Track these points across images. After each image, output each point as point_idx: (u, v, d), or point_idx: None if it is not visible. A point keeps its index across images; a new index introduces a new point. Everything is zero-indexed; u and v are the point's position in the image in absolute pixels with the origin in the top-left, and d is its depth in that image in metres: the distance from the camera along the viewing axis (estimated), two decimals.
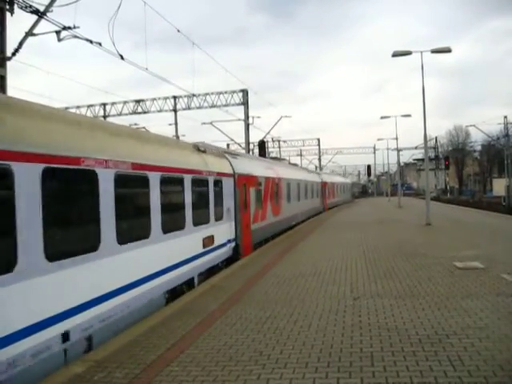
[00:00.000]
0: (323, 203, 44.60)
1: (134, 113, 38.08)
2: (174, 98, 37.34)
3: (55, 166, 6.97)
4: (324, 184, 45.73)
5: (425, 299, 9.33)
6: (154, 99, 37.98)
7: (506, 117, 58.72)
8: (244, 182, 18.00)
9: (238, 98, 35.53)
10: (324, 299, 9.79)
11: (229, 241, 15.79)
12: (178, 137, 34.15)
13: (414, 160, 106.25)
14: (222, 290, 11.31)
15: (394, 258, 14.57)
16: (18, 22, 14.69)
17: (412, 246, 17.10)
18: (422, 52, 24.91)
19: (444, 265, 12.91)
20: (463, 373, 5.67)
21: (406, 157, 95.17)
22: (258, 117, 65.16)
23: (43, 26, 15.07)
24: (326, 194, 46.11)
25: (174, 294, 10.94)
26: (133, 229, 9.33)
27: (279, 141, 62.34)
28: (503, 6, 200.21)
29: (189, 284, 12.02)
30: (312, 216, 36.18)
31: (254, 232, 18.87)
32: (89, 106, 38.13)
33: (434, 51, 24.53)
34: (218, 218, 14.68)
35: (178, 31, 21.05)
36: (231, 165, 16.89)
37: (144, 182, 9.85)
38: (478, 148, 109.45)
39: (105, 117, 37.14)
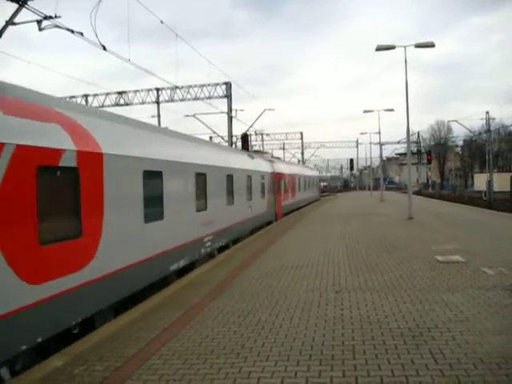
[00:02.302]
0: (276, 206, 30.02)
1: (117, 104, 37.64)
2: (157, 90, 37.02)
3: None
4: (278, 176, 31.08)
5: (406, 292, 9.36)
6: (136, 91, 37.59)
7: (487, 112, 59.18)
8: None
9: (221, 90, 35.31)
10: (306, 292, 9.79)
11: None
12: None
13: (397, 154, 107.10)
14: (204, 283, 11.26)
15: (376, 251, 14.62)
16: None
17: (394, 239, 17.18)
18: (405, 46, 25.00)
19: (425, 258, 12.97)
20: (444, 366, 5.69)
21: (389, 151, 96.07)
22: (242, 110, 64.75)
23: (24, 15, 14.81)
24: (280, 191, 31.52)
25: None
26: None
27: (262, 134, 62.19)
28: (485, 4, 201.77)
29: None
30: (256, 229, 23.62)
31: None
32: (71, 97, 37.69)
33: (418, 46, 24.60)
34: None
35: (162, 22, 20.84)
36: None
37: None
38: (460, 143, 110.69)
39: None
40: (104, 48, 15.74)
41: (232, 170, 18.88)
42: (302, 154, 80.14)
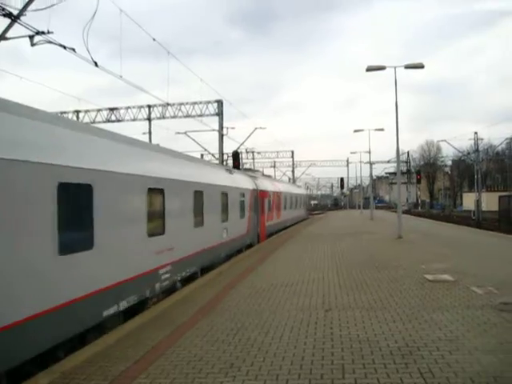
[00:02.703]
0: (259, 226, 27.21)
1: (108, 121, 37.61)
2: (149, 106, 37.07)
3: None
4: (261, 194, 28.27)
5: (396, 311, 9.35)
6: (128, 107, 37.59)
7: (476, 133, 59.78)
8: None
9: (212, 108, 35.41)
10: (296, 311, 9.75)
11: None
12: None
13: (387, 173, 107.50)
14: (193, 300, 11.19)
15: (366, 270, 14.61)
16: None
17: (383, 258, 17.19)
18: (395, 67, 25.24)
19: (415, 277, 12.99)
20: None
21: (379, 170, 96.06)
22: (233, 128, 64.74)
23: (16, 30, 14.82)
24: (264, 210, 28.79)
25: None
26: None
27: (253, 152, 62.30)
28: (472, 27, 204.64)
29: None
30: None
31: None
32: (62, 113, 37.63)
33: (408, 67, 24.83)
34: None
35: (154, 40, 20.93)
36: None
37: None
38: (449, 163, 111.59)
39: None
40: (96, 64, 15.76)
41: (202, 185, 15.69)
42: (293, 172, 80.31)
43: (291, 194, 44.31)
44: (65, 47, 14.71)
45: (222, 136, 35.17)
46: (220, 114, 35.19)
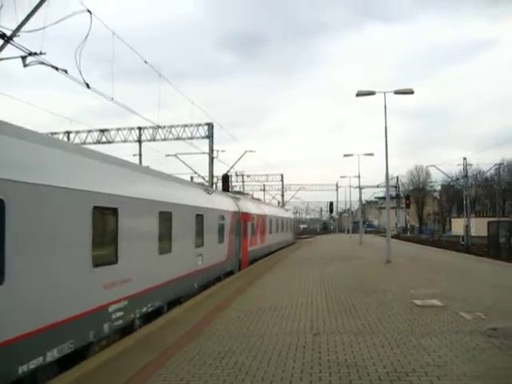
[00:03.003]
0: (241, 252, 25.17)
1: (98, 142, 37.59)
2: (139, 128, 37.13)
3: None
4: (244, 216, 26.16)
5: (384, 336, 9.31)
6: (118, 129, 37.62)
7: (465, 158, 60.30)
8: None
9: (203, 131, 35.50)
10: (284, 335, 9.68)
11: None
12: None
13: (376, 198, 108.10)
14: (181, 323, 11.09)
15: (355, 294, 14.57)
16: None
17: (372, 282, 17.17)
18: (385, 93, 25.53)
19: (403, 302, 12.97)
20: None
21: (368, 195, 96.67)
22: (223, 151, 64.76)
23: (9, 50, 14.87)
24: (246, 234, 26.70)
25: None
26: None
27: (243, 175, 62.44)
28: (458, 55, 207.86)
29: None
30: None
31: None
32: (52, 134, 37.58)
33: (397, 92, 25.15)
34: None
35: (146, 62, 21.04)
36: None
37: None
38: (438, 188, 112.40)
39: None
40: (87, 86, 15.81)
41: (170, 205, 13.65)
42: (282, 195, 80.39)
43: (277, 217, 42.37)
44: (57, 68, 14.75)
45: (212, 159, 35.24)
46: (210, 136, 35.29)
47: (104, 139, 37.78)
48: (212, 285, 17.91)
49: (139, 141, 37.49)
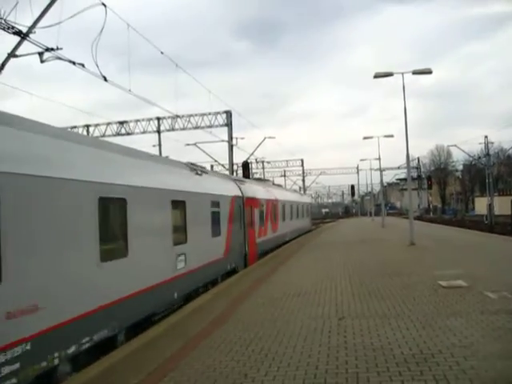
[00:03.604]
0: (247, 244, 21.28)
1: (118, 134, 37.90)
2: (158, 119, 37.34)
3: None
4: (250, 202, 22.39)
5: (410, 318, 9.29)
6: (137, 121, 37.90)
7: (486, 136, 59.65)
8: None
9: (221, 119, 35.59)
10: (309, 320, 9.72)
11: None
12: None
13: (397, 180, 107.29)
14: (206, 311, 11.20)
15: (379, 277, 14.54)
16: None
17: (396, 265, 17.11)
18: (403, 73, 25.20)
19: (428, 284, 12.91)
20: None
21: (389, 177, 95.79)
22: (242, 138, 65.21)
23: (26, 47, 15.03)
24: (254, 223, 23.13)
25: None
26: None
27: (263, 162, 62.45)
28: (479, 31, 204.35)
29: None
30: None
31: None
32: (72, 128, 37.95)
33: (415, 72, 24.83)
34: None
35: (162, 53, 21.10)
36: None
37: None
38: (460, 167, 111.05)
39: None
40: (105, 79, 15.91)
41: (121, 189, 9.74)
42: (303, 181, 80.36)
43: (291, 201, 37.62)
44: (74, 63, 14.87)
45: (231, 146, 35.30)
46: (229, 124, 35.36)
47: (123, 131, 38.07)
48: (205, 291, 14.47)
49: (158, 131, 37.72)
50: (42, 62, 15.25)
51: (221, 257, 16.90)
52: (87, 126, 38.36)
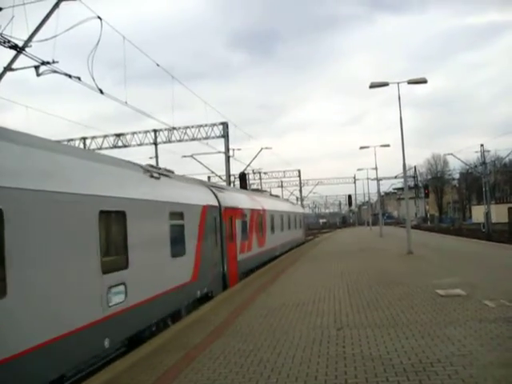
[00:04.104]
0: (226, 263, 17.80)
1: (115, 147, 37.94)
2: (155, 131, 37.39)
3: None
4: (229, 213, 18.91)
5: (408, 328, 9.29)
6: (134, 133, 37.94)
7: (482, 145, 59.72)
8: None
9: (218, 130, 35.68)
10: (307, 330, 9.71)
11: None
12: None
13: (394, 189, 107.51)
14: (205, 322, 11.17)
15: (377, 287, 14.54)
16: None
17: (394, 274, 17.12)
18: (398, 83, 25.34)
19: (426, 293, 12.91)
20: None
21: (386, 186, 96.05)
22: (239, 149, 65.49)
23: (22, 60, 15.09)
24: (235, 237, 19.48)
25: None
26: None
27: (260, 173, 62.49)
28: (473, 42, 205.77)
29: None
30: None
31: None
32: (69, 141, 37.98)
33: (410, 82, 24.99)
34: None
35: (158, 65, 21.20)
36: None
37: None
38: (457, 176, 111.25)
39: None
40: (101, 91, 15.97)
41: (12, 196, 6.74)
42: (300, 191, 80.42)
43: (282, 212, 33.50)
44: (70, 76, 14.93)
45: (228, 158, 35.36)
46: (226, 136, 35.44)
47: (120, 143, 38.11)
48: (158, 331, 11.04)
49: (155, 143, 37.75)
50: (38, 75, 15.30)
51: (186, 281, 13.23)
52: (84, 139, 38.39)
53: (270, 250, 27.08)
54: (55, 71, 15.01)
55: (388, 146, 47.86)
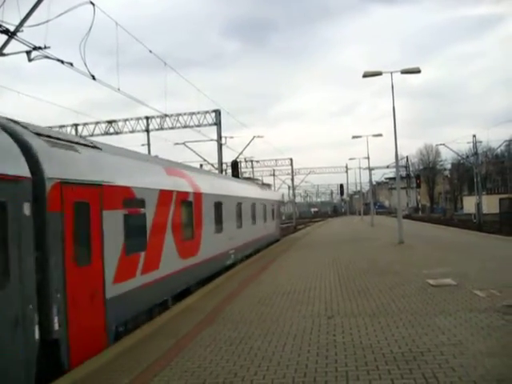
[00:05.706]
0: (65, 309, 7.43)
1: (106, 133, 37.70)
2: (147, 118, 37.19)
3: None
4: (78, 192, 8.05)
5: (399, 317, 9.33)
6: (126, 120, 37.73)
7: (474, 136, 59.87)
8: None
9: (210, 118, 35.51)
10: (298, 318, 9.72)
11: None
12: None
13: (386, 179, 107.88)
14: (195, 310, 11.17)
15: (368, 276, 14.59)
16: None
17: (385, 264, 17.17)
18: (391, 73, 25.28)
19: (417, 282, 12.96)
20: None
21: (378, 176, 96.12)
22: (231, 137, 65.46)
23: (14, 45, 14.90)
24: (97, 252, 8.58)
25: None
26: None
27: (252, 161, 62.35)
28: (466, 33, 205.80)
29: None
30: None
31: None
32: (60, 127, 37.71)
33: (404, 72, 24.95)
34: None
35: (150, 52, 21.03)
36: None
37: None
38: (449, 166, 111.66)
39: None
40: (93, 77, 15.83)
41: None
42: (292, 180, 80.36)
43: (240, 198, 22.24)
44: (62, 62, 14.79)
45: (220, 146, 35.25)
46: (218, 123, 35.28)
47: (112, 130, 37.89)
48: None
49: (147, 130, 37.58)
50: (29, 60, 15.12)
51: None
52: (75, 125, 38.13)
53: (210, 261, 16.17)
54: (47, 57, 14.85)
55: (380, 135, 47.96)
